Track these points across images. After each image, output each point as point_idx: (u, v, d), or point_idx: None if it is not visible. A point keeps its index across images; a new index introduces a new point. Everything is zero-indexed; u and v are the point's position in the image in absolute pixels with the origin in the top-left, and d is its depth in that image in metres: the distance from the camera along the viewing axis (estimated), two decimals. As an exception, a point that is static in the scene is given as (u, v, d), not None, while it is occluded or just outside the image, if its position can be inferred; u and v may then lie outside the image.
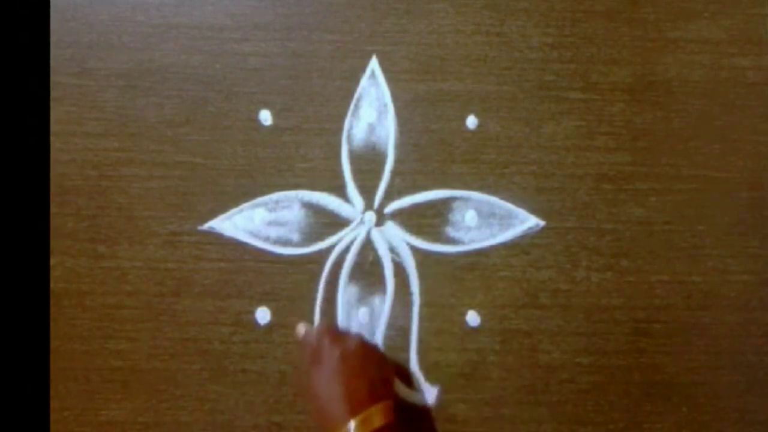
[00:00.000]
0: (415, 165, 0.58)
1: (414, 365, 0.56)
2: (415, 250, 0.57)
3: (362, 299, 0.57)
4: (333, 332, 0.51)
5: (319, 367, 0.48)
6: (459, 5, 0.59)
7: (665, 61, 0.59)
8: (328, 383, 0.46)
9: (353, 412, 0.45)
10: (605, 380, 0.56)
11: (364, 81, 0.59)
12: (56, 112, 0.57)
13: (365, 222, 0.57)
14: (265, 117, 0.58)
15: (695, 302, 0.57)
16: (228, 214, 0.57)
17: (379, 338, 0.56)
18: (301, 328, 0.53)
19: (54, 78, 0.57)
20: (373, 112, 0.58)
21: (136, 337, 0.56)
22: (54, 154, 0.57)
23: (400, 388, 0.54)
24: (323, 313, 0.56)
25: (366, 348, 0.50)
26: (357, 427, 0.44)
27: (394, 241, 0.57)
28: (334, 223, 0.57)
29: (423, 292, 0.57)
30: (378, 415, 0.45)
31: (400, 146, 0.58)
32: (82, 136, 0.58)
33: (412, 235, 0.57)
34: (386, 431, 0.45)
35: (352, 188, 0.58)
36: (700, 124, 0.59)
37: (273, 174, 0.57)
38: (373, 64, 0.59)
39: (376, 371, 0.49)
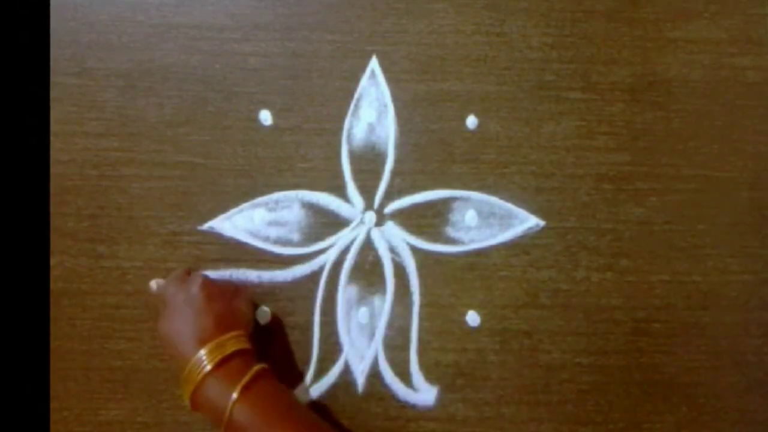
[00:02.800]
0: (415, 165, 0.58)
1: (414, 365, 0.56)
2: (415, 250, 0.57)
3: (362, 299, 0.57)
4: (177, 280, 0.51)
5: (166, 312, 0.49)
6: (459, 5, 0.59)
7: (665, 61, 0.59)
8: (175, 325, 0.47)
9: (201, 343, 0.46)
10: (605, 380, 0.56)
11: (364, 81, 0.59)
12: (56, 112, 0.57)
13: (365, 222, 0.57)
14: (265, 117, 0.58)
15: (695, 302, 0.57)
16: (228, 214, 0.57)
17: (379, 338, 0.56)
18: (153, 284, 0.54)
19: (54, 78, 0.57)
20: (373, 112, 0.58)
21: (136, 337, 0.56)
22: (54, 154, 0.57)
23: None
24: (323, 313, 0.56)
25: (210, 285, 0.50)
26: (207, 354, 0.45)
27: (394, 241, 0.57)
28: (334, 223, 0.57)
29: (423, 292, 0.57)
30: (230, 342, 0.46)
31: (400, 146, 0.58)
32: (82, 136, 0.58)
33: (412, 235, 0.57)
34: (240, 358, 0.46)
35: (352, 188, 0.58)
36: (700, 124, 0.59)
37: (273, 174, 0.57)
38: (373, 64, 0.59)
39: (223, 305, 0.49)
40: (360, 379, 0.55)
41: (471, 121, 0.58)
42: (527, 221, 0.57)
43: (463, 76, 0.59)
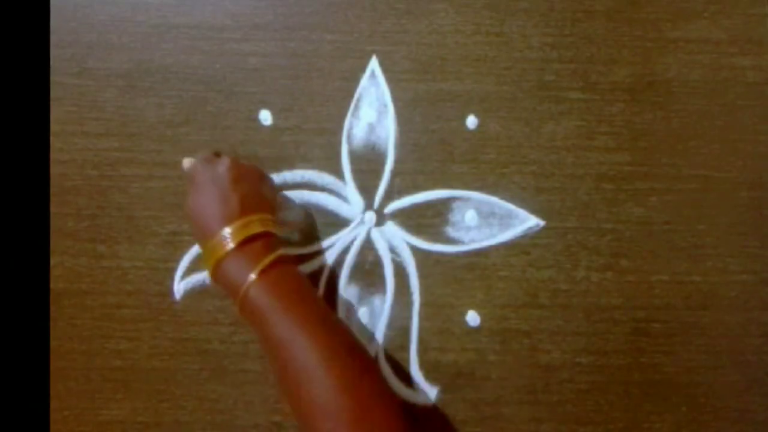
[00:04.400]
0: (415, 165, 0.58)
1: (414, 365, 0.56)
2: (415, 250, 0.57)
3: (362, 299, 0.57)
4: (207, 158, 0.52)
5: (194, 189, 0.49)
6: (459, 5, 0.59)
7: (665, 61, 0.59)
8: (201, 201, 0.48)
9: (227, 222, 0.46)
10: (605, 380, 0.56)
11: (364, 81, 0.59)
12: (56, 112, 0.57)
13: (365, 222, 0.57)
14: (265, 117, 0.58)
15: (695, 302, 0.57)
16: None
17: (379, 338, 0.56)
18: (186, 162, 0.54)
19: (54, 78, 0.57)
20: (373, 112, 0.58)
21: (136, 337, 0.56)
22: (54, 154, 0.57)
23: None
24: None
25: (237, 167, 0.50)
26: (232, 233, 0.46)
27: (394, 241, 0.57)
28: (334, 223, 0.57)
29: (423, 292, 0.57)
30: (255, 223, 0.47)
31: (400, 146, 0.58)
32: (82, 136, 0.58)
33: (412, 235, 0.57)
34: (263, 240, 0.47)
35: (352, 188, 0.58)
36: (700, 124, 0.59)
37: (273, 174, 0.57)
38: (373, 64, 0.59)
39: (250, 187, 0.50)
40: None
41: (471, 121, 0.58)
42: (527, 221, 0.57)
43: (463, 76, 0.59)
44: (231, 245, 0.45)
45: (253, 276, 0.44)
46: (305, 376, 0.42)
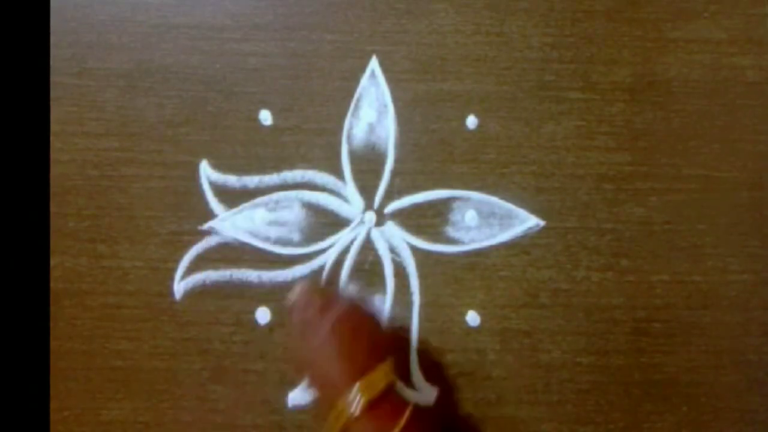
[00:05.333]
0: (415, 165, 0.58)
1: (414, 365, 0.56)
2: (415, 250, 0.57)
3: (362, 299, 0.57)
4: (321, 296, 0.50)
5: (312, 338, 0.47)
6: (459, 5, 0.59)
7: (665, 61, 0.59)
8: (323, 354, 0.46)
9: (354, 377, 0.44)
10: (605, 380, 0.56)
11: (364, 81, 0.59)
12: (56, 112, 0.57)
13: (365, 222, 0.57)
14: (265, 117, 0.58)
15: (695, 302, 0.57)
16: (228, 214, 0.57)
17: (379, 338, 0.56)
18: (291, 296, 0.51)
19: (54, 78, 0.57)
20: (373, 112, 0.58)
21: (136, 337, 0.56)
22: (54, 154, 0.57)
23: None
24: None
25: (356, 311, 0.49)
26: (361, 390, 0.43)
27: (394, 241, 0.57)
28: (334, 223, 0.57)
29: (423, 292, 0.57)
30: (379, 379, 0.44)
31: (400, 146, 0.58)
32: (82, 136, 0.58)
33: (412, 235, 0.57)
34: (390, 389, 0.44)
35: (352, 188, 0.58)
36: (700, 124, 0.59)
37: (273, 174, 0.57)
38: (373, 64, 0.59)
39: (370, 333, 0.48)
40: (360, 379, 0.55)
41: (471, 121, 0.58)
42: (527, 221, 0.57)
43: (463, 76, 0.59)
44: (358, 410, 0.42)
45: None
46: None
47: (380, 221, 0.57)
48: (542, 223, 0.57)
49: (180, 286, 0.56)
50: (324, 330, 0.46)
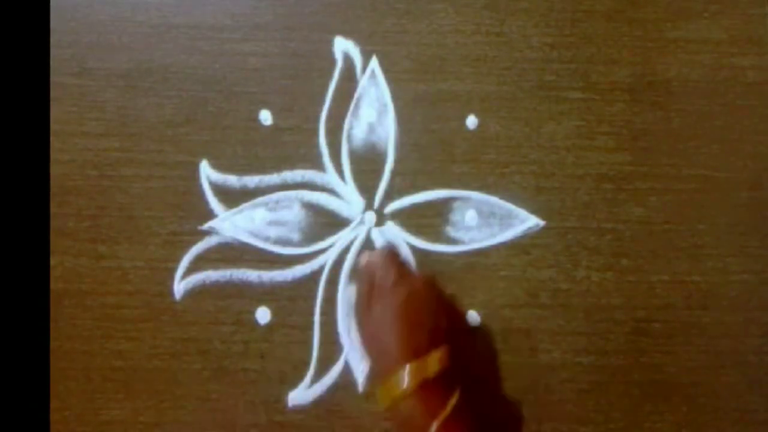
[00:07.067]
0: (415, 165, 0.58)
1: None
2: (415, 250, 0.57)
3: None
4: (398, 267, 0.50)
5: (381, 305, 0.47)
6: (459, 5, 0.59)
7: (665, 61, 0.59)
8: (388, 324, 0.46)
9: (411, 356, 0.44)
10: (605, 380, 0.56)
11: (364, 81, 0.59)
12: (56, 112, 0.57)
13: (365, 222, 0.57)
14: (265, 117, 0.58)
15: (695, 302, 0.57)
16: (228, 214, 0.57)
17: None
18: (364, 256, 0.52)
19: (54, 78, 0.57)
20: (373, 112, 0.58)
21: (137, 337, 0.56)
22: (54, 154, 0.57)
23: None
24: (323, 313, 0.56)
25: (430, 291, 0.49)
26: (411, 372, 0.44)
27: (395, 241, 0.57)
28: (334, 223, 0.57)
29: (423, 292, 0.57)
30: (434, 363, 0.45)
31: (400, 146, 0.58)
32: (82, 136, 0.58)
33: (412, 235, 0.57)
34: (440, 384, 0.45)
35: (352, 188, 0.58)
36: (700, 124, 0.59)
37: (273, 174, 0.57)
38: (373, 64, 0.59)
39: (435, 316, 0.48)
40: (360, 379, 0.55)
41: (471, 121, 0.58)
42: (527, 221, 0.57)
43: (463, 76, 0.59)
44: (409, 389, 0.43)
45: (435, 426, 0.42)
46: None
47: (380, 221, 0.57)
48: (542, 223, 0.57)
49: (180, 286, 0.56)
50: (394, 302, 0.46)
